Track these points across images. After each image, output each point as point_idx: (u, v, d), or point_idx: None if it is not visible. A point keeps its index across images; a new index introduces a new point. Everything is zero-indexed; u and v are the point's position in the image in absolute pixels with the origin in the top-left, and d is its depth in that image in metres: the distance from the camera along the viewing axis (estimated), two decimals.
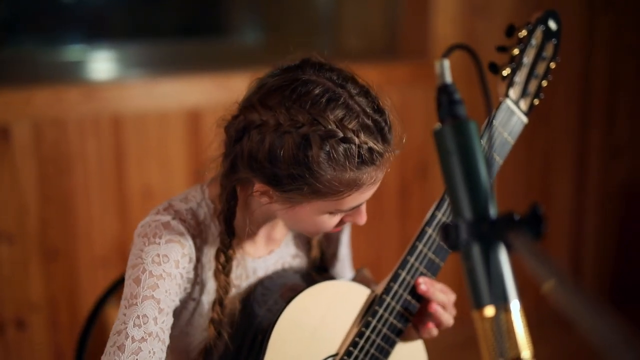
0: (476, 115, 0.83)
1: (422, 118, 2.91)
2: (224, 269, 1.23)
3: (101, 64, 2.96)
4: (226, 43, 3.27)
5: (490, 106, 0.75)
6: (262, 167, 1.12)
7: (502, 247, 0.77)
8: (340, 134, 1.08)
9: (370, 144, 1.09)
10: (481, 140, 1.16)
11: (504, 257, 0.78)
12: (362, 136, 1.09)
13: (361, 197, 1.15)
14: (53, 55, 2.99)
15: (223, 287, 1.24)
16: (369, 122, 1.10)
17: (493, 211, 0.78)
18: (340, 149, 1.08)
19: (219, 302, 1.24)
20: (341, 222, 1.22)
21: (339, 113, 1.09)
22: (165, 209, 1.24)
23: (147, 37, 3.14)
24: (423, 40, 2.98)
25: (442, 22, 2.92)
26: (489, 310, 0.77)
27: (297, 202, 1.15)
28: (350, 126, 1.08)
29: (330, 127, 1.07)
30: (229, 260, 1.24)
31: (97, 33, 3.15)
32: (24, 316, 2.52)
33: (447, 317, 1.27)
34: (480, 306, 0.78)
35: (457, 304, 1.29)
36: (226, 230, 1.23)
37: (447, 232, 0.78)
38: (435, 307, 1.25)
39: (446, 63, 0.81)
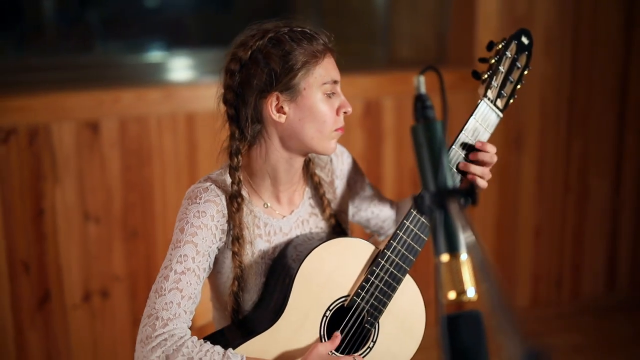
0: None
1: (466, 117, 3.16)
2: (237, 211, 1.57)
3: (179, 68, 3.29)
4: None
5: (446, 111, 1.04)
6: (262, 78, 1.54)
7: (455, 210, 1.06)
8: (287, 29, 1.56)
9: (309, 28, 1.59)
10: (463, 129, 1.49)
11: (457, 219, 1.07)
12: (302, 25, 1.59)
13: (329, 66, 1.58)
14: (136, 59, 3.34)
15: (238, 225, 1.57)
16: (299, 25, 1.60)
17: (449, 185, 1.07)
18: (297, 33, 1.56)
19: (238, 238, 1.58)
20: (338, 113, 1.59)
21: (280, 22, 1.58)
22: (205, 179, 1.61)
23: (221, 44, 3.45)
24: (469, 49, 3.23)
25: (486, 32, 3.16)
26: (445, 257, 1.06)
27: (299, 88, 1.54)
28: (293, 24, 1.58)
29: (282, 29, 1.56)
30: (240, 204, 1.58)
31: (176, 40, 3.49)
32: (107, 287, 2.87)
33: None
34: (439, 254, 1.07)
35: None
36: (236, 181, 1.59)
37: (417, 200, 1.07)
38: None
39: (422, 79, 1.11)
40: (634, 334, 3.51)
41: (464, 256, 1.07)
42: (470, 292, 1.07)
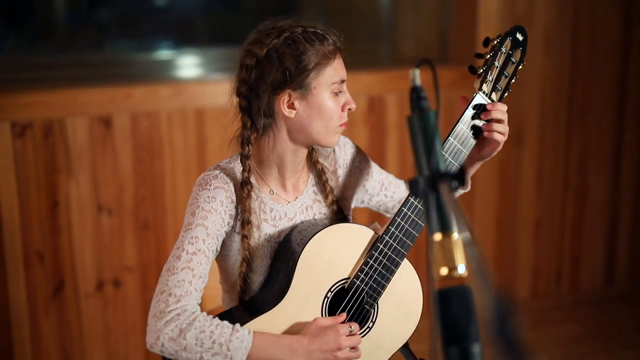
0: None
1: None
2: (247, 197, 1.66)
3: (188, 66, 3.38)
4: None
5: (439, 101, 1.13)
6: (276, 76, 1.61)
7: (447, 193, 1.14)
8: (301, 29, 1.63)
9: (321, 28, 1.66)
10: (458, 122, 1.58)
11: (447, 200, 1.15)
12: (314, 25, 1.65)
13: (339, 66, 1.66)
14: (146, 57, 3.42)
15: (248, 210, 1.66)
16: (312, 25, 1.66)
17: (441, 169, 1.16)
18: (310, 34, 1.63)
19: (247, 222, 1.67)
20: (343, 109, 1.67)
21: (293, 21, 1.65)
22: (214, 168, 1.69)
23: (229, 42, 3.54)
24: (470, 47, 3.30)
25: (487, 31, 3.21)
26: (438, 236, 1.15)
27: (310, 87, 1.63)
28: (305, 23, 1.65)
29: (296, 29, 1.63)
30: (249, 190, 1.67)
31: (185, 38, 3.57)
32: (119, 276, 2.96)
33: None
34: (433, 233, 1.16)
35: None
36: (247, 169, 1.67)
37: (412, 184, 1.16)
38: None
39: (417, 71, 1.20)
40: (632, 325, 3.59)
41: (455, 235, 1.16)
42: (461, 269, 1.16)
